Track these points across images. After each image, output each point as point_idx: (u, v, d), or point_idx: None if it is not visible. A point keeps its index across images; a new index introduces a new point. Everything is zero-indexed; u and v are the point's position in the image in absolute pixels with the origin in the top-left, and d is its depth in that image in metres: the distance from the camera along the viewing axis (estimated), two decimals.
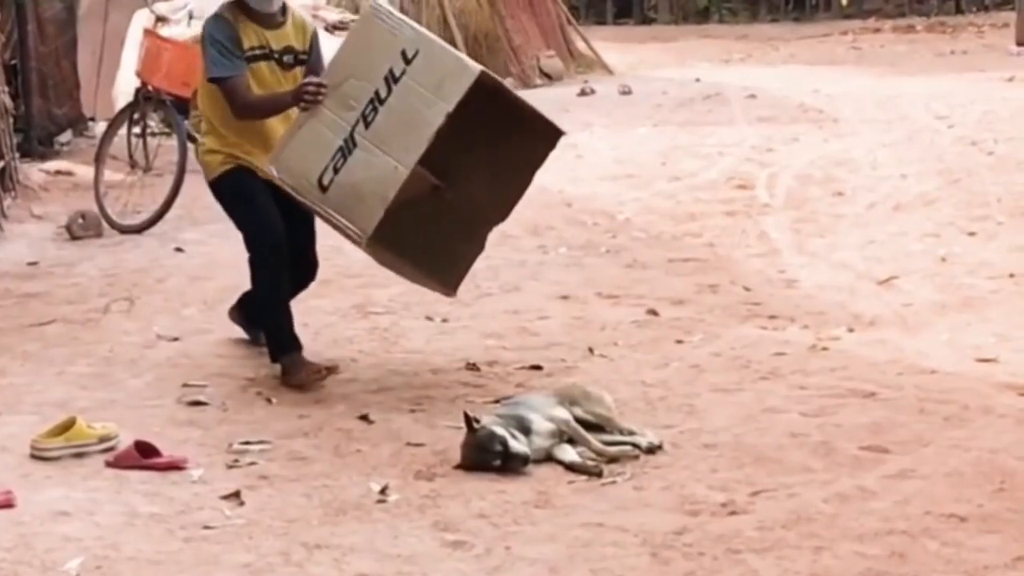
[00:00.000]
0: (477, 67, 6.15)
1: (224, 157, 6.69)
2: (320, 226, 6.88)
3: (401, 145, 6.13)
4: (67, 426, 5.73)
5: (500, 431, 5.47)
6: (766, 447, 5.65)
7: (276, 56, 6.70)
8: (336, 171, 6.22)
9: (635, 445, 5.64)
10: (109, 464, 5.59)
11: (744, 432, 5.84)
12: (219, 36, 6.60)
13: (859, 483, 5.24)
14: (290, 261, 6.68)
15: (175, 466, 5.55)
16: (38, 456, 5.66)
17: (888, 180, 11.08)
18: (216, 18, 6.69)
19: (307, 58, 6.78)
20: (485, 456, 5.45)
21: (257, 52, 6.65)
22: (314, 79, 6.42)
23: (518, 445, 5.46)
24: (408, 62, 6.16)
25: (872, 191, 10.75)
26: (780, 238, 9.48)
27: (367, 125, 6.19)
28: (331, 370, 6.54)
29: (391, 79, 6.18)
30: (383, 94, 6.19)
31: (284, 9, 6.80)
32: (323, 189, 6.25)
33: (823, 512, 4.99)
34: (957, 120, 13.61)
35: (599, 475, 5.41)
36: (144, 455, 5.57)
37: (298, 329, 6.72)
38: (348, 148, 6.21)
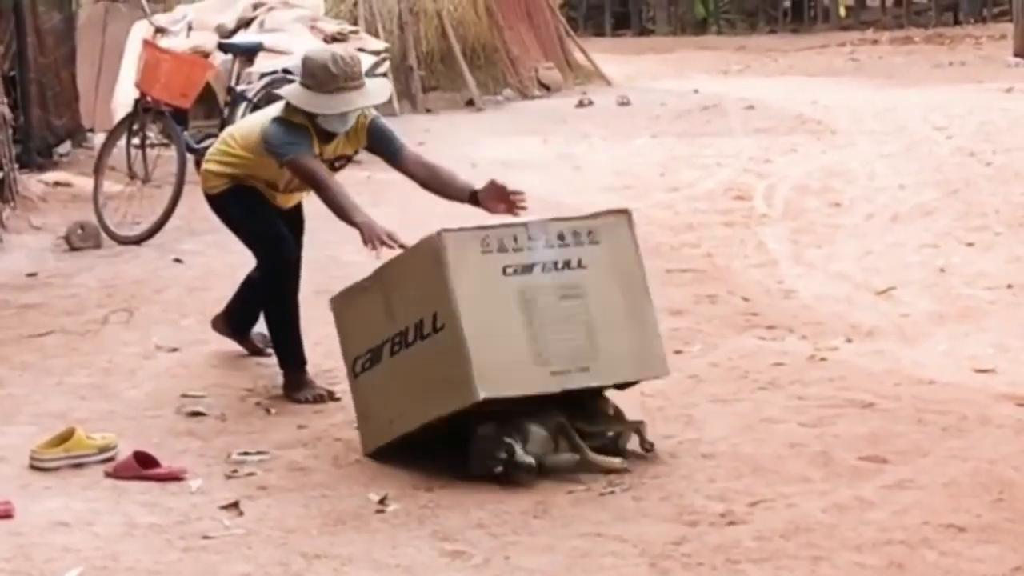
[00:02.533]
0: (479, 392, 5.37)
1: (229, 179, 6.66)
2: (313, 236, 6.89)
3: (400, 406, 5.63)
4: (66, 437, 5.74)
5: (508, 439, 5.45)
6: (764, 457, 5.65)
7: (327, 162, 6.52)
8: (364, 369, 5.82)
9: (622, 452, 5.63)
10: (108, 475, 5.59)
11: (742, 442, 5.84)
12: (297, 140, 6.31)
13: (857, 493, 5.25)
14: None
15: (174, 476, 5.56)
16: (37, 467, 5.67)
17: (886, 191, 11.09)
18: (291, 125, 6.34)
19: (372, 149, 6.58)
20: (488, 462, 5.43)
21: None
22: (390, 236, 5.99)
23: (525, 455, 5.44)
24: (436, 330, 5.51)
25: (870, 202, 10.75)
26: (778, 249, 9.49)
27: (392, 353, 5.67)
28: (332, 397, 6.53)
29: (419, 331, 5.56)
30: (410, 338, 5.60)
31: None
32: (355, 376, 5.89)
33: (822, 522, 4.99)
34: (955, 131, 13.61)
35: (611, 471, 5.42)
36: (143, 466, 5.58)
37: None
38: (375, 358, 5.76)
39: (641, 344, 5.75)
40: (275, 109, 6.54)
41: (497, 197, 6.28)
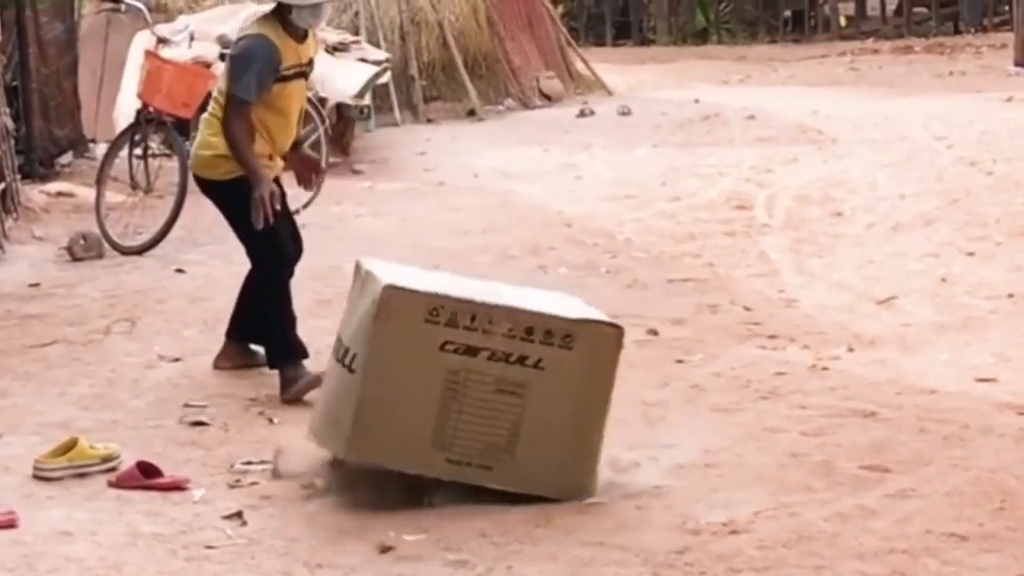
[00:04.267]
0: (345, 453, 5.38)
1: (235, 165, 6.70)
2: (316, 244, 6.90)
3: (316, 407, 5.77)
4: (69, 447, 5.75)
5: None
6: (766, 467, 5.66)
7: (301, 68, 6.81)
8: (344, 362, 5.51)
9: None
10: (111, 484, 5.60)
11: (744, 452, 5.85)
12: (264, 61, 6.61)
13: (860, 502, 5.26)
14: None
15: (177, 486, 5.57)
16: (41, 476, 5.68)
17: (887, 200, 11.09)
18: (262, 40, 6.66)
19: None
20: None
21: (294, 70, 6.74)
22: (273, 195, 6.49)
23: None
24: (350, 369, 5.38)
25: (871, 211, 10.77)
26: (779, 258, 9.50)
27: (334, 355, 5.59)
28: None
29: (344, 357, 5.44)
30: (339, 355, 5.50)
31: None
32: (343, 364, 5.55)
33: (824, 531, 5.00)
34: (956, 140, 13.61)
35: None
36: (146, 475, 5.59)
37: None
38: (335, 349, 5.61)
39: (567, 465, 5.33)
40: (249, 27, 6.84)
41: (299, 166, 6.98)
